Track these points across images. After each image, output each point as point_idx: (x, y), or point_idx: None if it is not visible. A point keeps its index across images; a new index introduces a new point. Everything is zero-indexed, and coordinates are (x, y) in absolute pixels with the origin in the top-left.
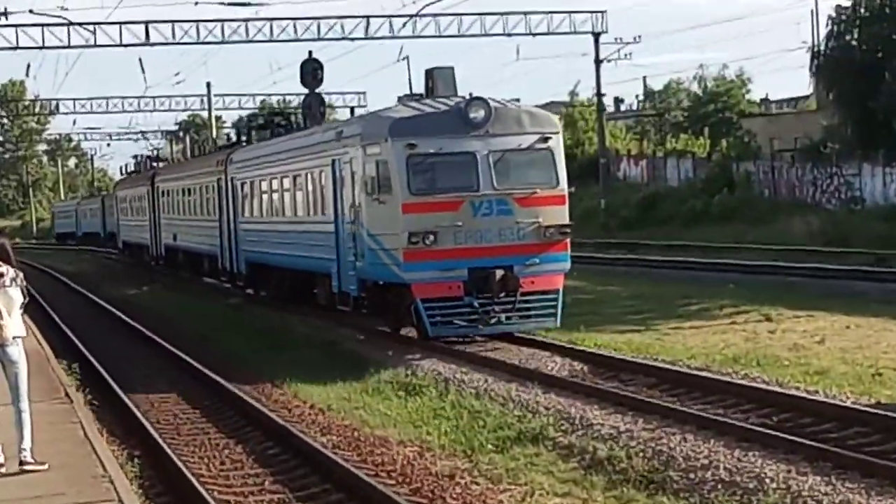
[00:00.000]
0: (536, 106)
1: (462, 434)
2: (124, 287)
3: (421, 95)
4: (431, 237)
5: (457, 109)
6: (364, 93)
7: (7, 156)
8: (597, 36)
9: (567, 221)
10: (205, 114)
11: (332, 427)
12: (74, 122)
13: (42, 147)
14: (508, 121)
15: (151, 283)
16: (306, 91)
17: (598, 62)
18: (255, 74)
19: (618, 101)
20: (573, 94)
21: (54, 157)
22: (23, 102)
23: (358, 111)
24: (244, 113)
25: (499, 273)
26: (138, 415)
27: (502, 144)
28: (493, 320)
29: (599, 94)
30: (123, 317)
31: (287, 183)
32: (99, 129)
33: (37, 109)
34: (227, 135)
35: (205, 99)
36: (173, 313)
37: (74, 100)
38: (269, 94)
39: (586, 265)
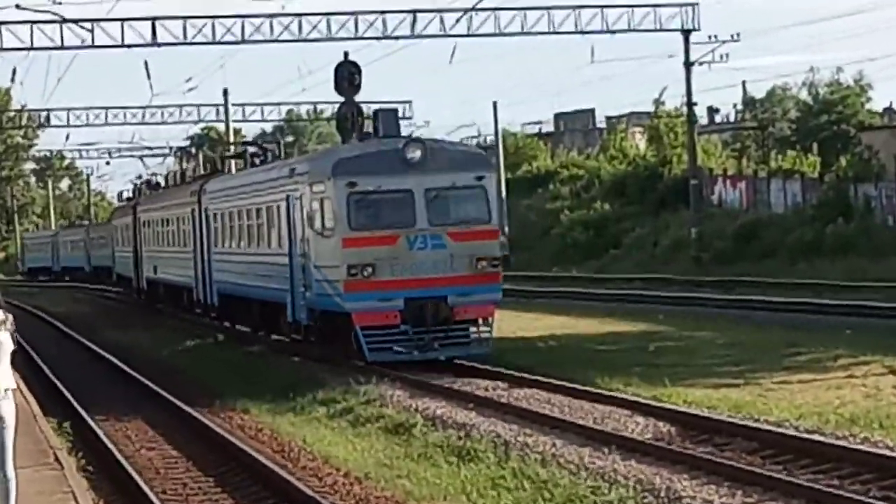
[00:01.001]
0: (615, 117)
1: None
2: (122, 329)
3: (369, 135)
4: (370, 269)
5: (395, 149)
6: (410, 101)
7: None
8: (687, 34)
9: (497, 255)
10: (221, 126)
11: (371, 499)
12: (68, 137)
13: (30, 166)
14: (444, 160)
15: (156, 326)
16: (341, 99)
17: (688, 65)
18: (281, 80)
19: (712, 111)
20: (658, 102)
21: (44, 177)
22: (7, 113)
23: (402, 124)
24: (268, 126)
25: (432, 303)
26: (141, 484)
27: (438, 182)
28: (426, 347)
29: (690, 104)
30: (121, 365)
31: (251, 216)
32: (96, 144)
33: (23, 122)
34: (245, 149)
35: (221, 109)
36: (178, 361)
37: (68, 110)
38: (297, 103)
39: (673, 306)
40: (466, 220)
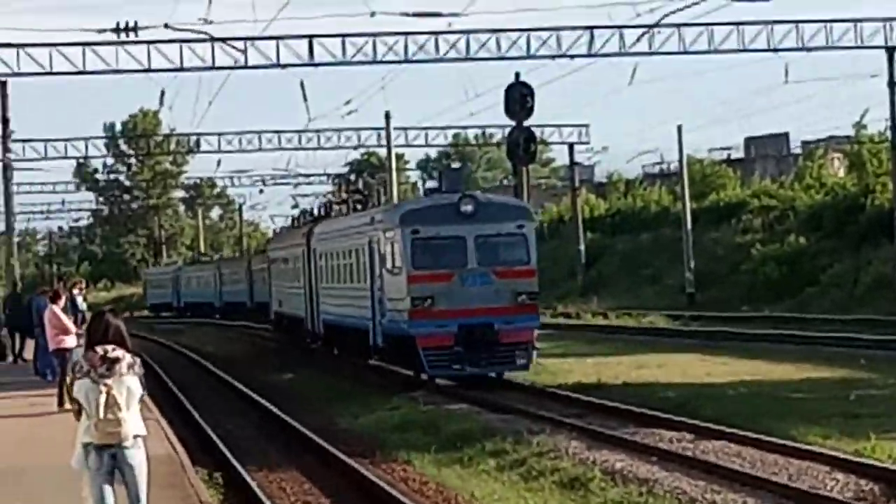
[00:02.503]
0: (811, 142)
1: None
2: (280, 372)
3: (437, 190)
4: (430, 300)
5: (452, 203)
6: (587, 125)
7: (135, 205)
8: (891, 51)
9: (535, 290)
10: (382, 152)
11: None
12: (219, 164)
13: (178, 194)
14: (492, 212)
15: (309, 366)
16: (512, 123)
17: (892, 85)
18: (447, 102)
19: None
20: (859, 126)
21: (193, 206)
22: (155, 138)
23: (578, 149)
24: (432, 151)
25: (480, 329)
26: None
27: (486, 230)
28: (476, 364)
29: (895, 127)
30: (280, 414)
31: (346, 256)
32: (249, 172)
33: (172, 147)
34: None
35: (382, 133)
36: (341, 409)
37: (219, 135)
38: (464, 127)
39: (876, 350)
40: (509, 261)
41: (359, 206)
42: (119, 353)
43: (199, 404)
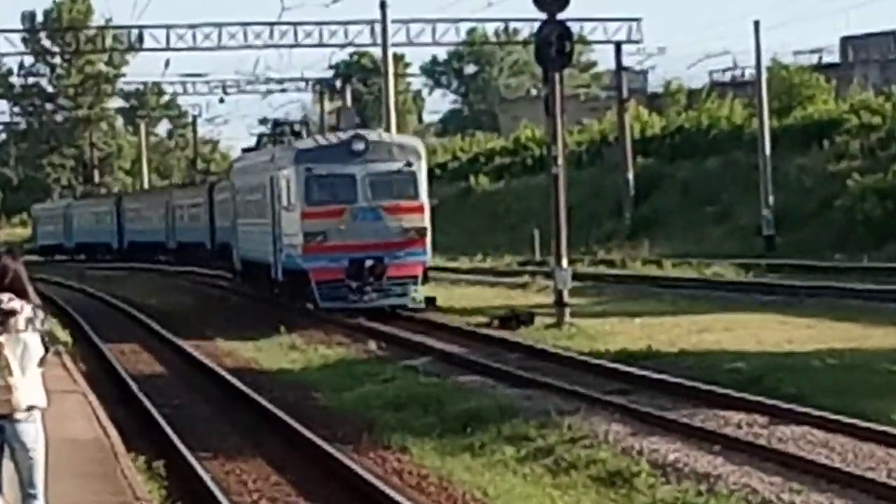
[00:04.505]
0: None
1: None
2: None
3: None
4: (322, 236)
5: (344, 142)
6: (638, 19)
7: (60, 118)
8: None
9: (424, 225)
10: (376, 52)
11: None
12: (167, 64)
13: (116, 103)
14: (382, 151)
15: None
16: (542, 16)
17: None
18: None
19: None
20: None
21: (134, 119)
22: (86, 32)
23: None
24: (441, 51)
25: (370, 262)
26: None
27: (376, 168)
28: (366, 297)
29: None
30: (239, 385)
31: (251, 192)
32: (206, 76)
33: (108, 43)
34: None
35: (377, 27)
36: (310, 377)
37: (168, 27)
38: (482, 20)
39: None
40: (398, 197)
41: (283, 142)
42: (16, 303)
43: (138, 373)
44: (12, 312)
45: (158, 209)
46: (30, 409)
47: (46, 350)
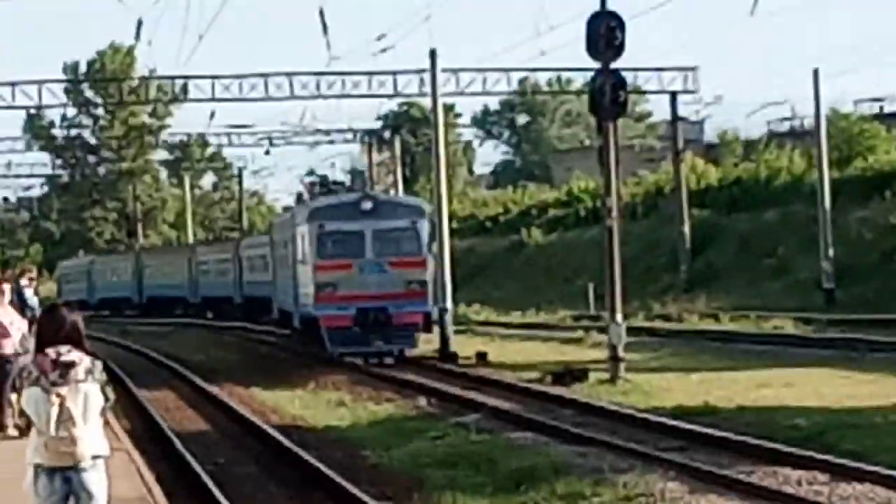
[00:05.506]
0: None
1: None
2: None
3: (343, 186)
4: (332, 287)
5: (354, 201)
6: (694, 68)
7: (103, 170)
8: None
9: (425, 279)
10: (425, 102)
11: None
12: (212, 116)
13: (160, 156)
14: (388, 210)
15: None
16: (597, 65)
17: None
18: (511, 38)
19: None
20: None
21: (178, 172)
22: (130, 83)
23: (682, 100)
24: (492, 101)
25: (375, 312)
26: None
27: (382, 226)
28: (372, 343)
29: None
30: (285, 443)
31: (284, 246)
32: (252, 127)
33: (151, 94)
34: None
35: (426, 77)
36: (362, 435)
37: (213, 78)
38: (533, 70)
39: None
40: (402, 252)
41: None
42: (75, 355)
43: (181, 431)
44: (72, 364)
45: (181, 265)
46: (94, 458)
47: (107, 399)
